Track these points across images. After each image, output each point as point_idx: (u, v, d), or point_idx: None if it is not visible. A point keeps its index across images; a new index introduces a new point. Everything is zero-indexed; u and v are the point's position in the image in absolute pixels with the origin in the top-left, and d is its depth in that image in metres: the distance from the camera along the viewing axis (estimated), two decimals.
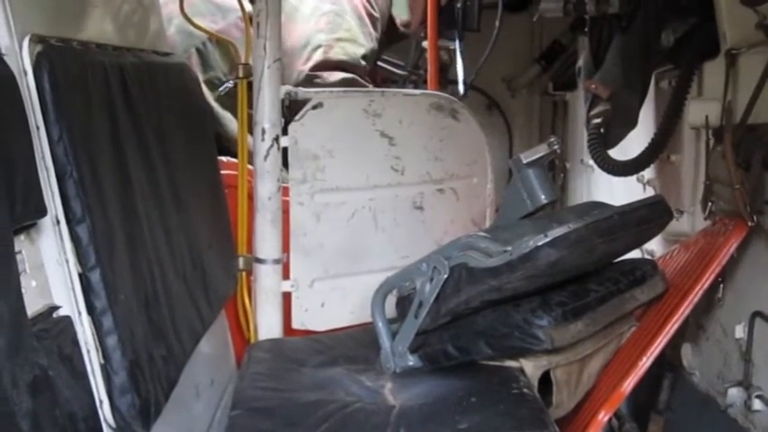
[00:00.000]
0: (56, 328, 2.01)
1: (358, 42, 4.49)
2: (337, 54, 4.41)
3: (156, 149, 2.75)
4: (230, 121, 4.03)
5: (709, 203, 2.99)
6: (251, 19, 3.51)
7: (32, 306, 1.94)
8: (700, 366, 3.13)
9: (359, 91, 3.88)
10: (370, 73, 4.74)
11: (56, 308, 2.06)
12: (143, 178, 2.61)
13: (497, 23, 4.78)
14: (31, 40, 2.08)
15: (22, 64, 2.04)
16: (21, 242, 1.96)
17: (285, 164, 3.61)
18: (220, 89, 4.13)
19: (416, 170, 3.84)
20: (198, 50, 4.11)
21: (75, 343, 2.09)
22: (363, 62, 4.52)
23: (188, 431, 2.95)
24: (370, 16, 4.61)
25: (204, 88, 3.91)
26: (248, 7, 3.69)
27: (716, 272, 2.84)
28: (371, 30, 4.60)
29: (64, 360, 1.99)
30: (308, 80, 4.32)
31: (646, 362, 2.78)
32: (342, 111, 3.70)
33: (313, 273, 3.69)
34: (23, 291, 1.85)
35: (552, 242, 2.59)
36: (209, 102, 4.04)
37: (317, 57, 4.38)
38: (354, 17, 4.52)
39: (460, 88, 4.82)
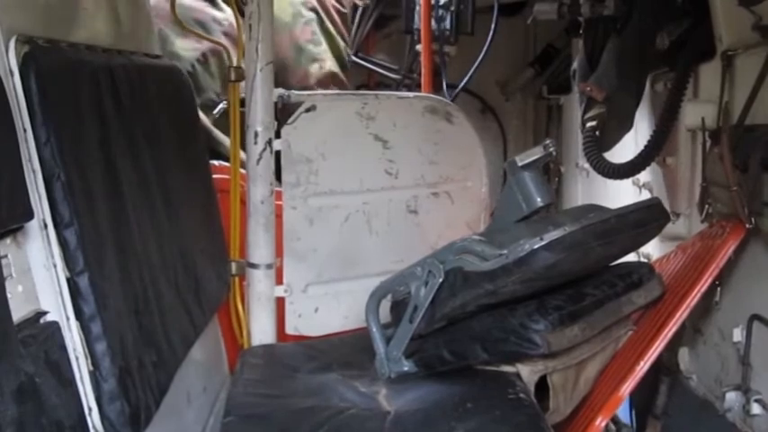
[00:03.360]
0: (43, 333, 1.97)
1: (340, 47, 4.65)
2: (331, 67, 4.59)
3: (146, 152, 2.72)
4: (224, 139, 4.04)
5: (706, 206, 2.97)
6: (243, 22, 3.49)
7: (19, 312, 1.90)
8: (697, 370, 3.11)
9: (353, 94, 3.86)
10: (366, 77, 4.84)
11: (43, 313, 2.02)
12: (133, 182, 2.57)
13: (493, 27, 4.77)
14: (17, 40, 2.05)
15: (9, 64, 2.01)
16: (6, 246, 1.93)
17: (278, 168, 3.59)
18: (215, 111, 4.12)
19: (410, 173, 3.82)
20: (189, 74, 4.08)
21: (63, 349, 2.05)
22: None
23: None
24: (339, 13, 4.75)
25: (200, 113, 3.88)
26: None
27: (713, 275, 2.82)
28: (342, 29, 4.75)
29: (51, 367, 1.95)
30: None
31: (643, 366, 2.76)
32: (335, 114, 3.67)
33: (306, 277, 3.66)
34: (9, 296, 1.81)
35: (548, 245, 2.56)
36: (207, 125, 4.03)
37: (316, 72, 4.56)
38: (328, 21, 4.73)
39: (446, 92, 4.82)
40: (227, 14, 4.39)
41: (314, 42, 4.58)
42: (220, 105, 4.10)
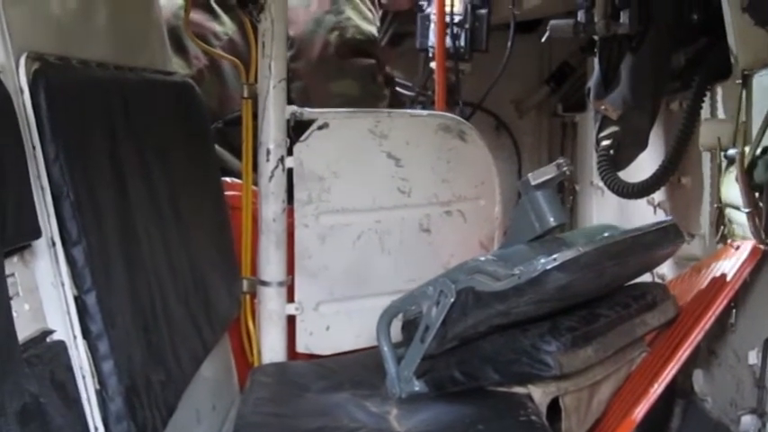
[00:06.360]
0: (49, 353, 1.96)
1: (368, 19, 4.48)
2: (354, 35, 4.39)
3: (157, 170, 2.71)
4: (230, 158, 4.00)
5: (722, 227, 2.94)
6: (256, 39, 3.49)
7: (25, 330, 1.89)
8: (712, 393, 3.06)
9: (366, 111, 3.84)
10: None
11: (49, 332, 2.01)
12: (143, 199, 2.56)
13: (509, 44, 4.75)
14: (28, 57, 2.04)
15: (18, 82, 2.00)
16: (13, 264, 1.92)
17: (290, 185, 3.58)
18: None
19: (423, 192, 3.80)
20: None
21: (69, 369, 2.03)
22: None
23: None
24: None
25: None
26: None
27: (728, 296, 2.78)
28: (370, 5, 4.59)
29: (57, 386, 1.93)
30: (335, 68, 4.32)
31: (657, 388, 2.72)
32: (348, 131, 3.66)
33: (318, 296, 3.65)
34: (15, 315, 1.80)
35: (561, 266, 2.54)
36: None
37: (335, 40, 4.35)
38: None
39: (462, 110, 4.79)
40: (226, 28, 4.35)
41: (334, 12, 4.40)
42: (215, 124, 4.04)
